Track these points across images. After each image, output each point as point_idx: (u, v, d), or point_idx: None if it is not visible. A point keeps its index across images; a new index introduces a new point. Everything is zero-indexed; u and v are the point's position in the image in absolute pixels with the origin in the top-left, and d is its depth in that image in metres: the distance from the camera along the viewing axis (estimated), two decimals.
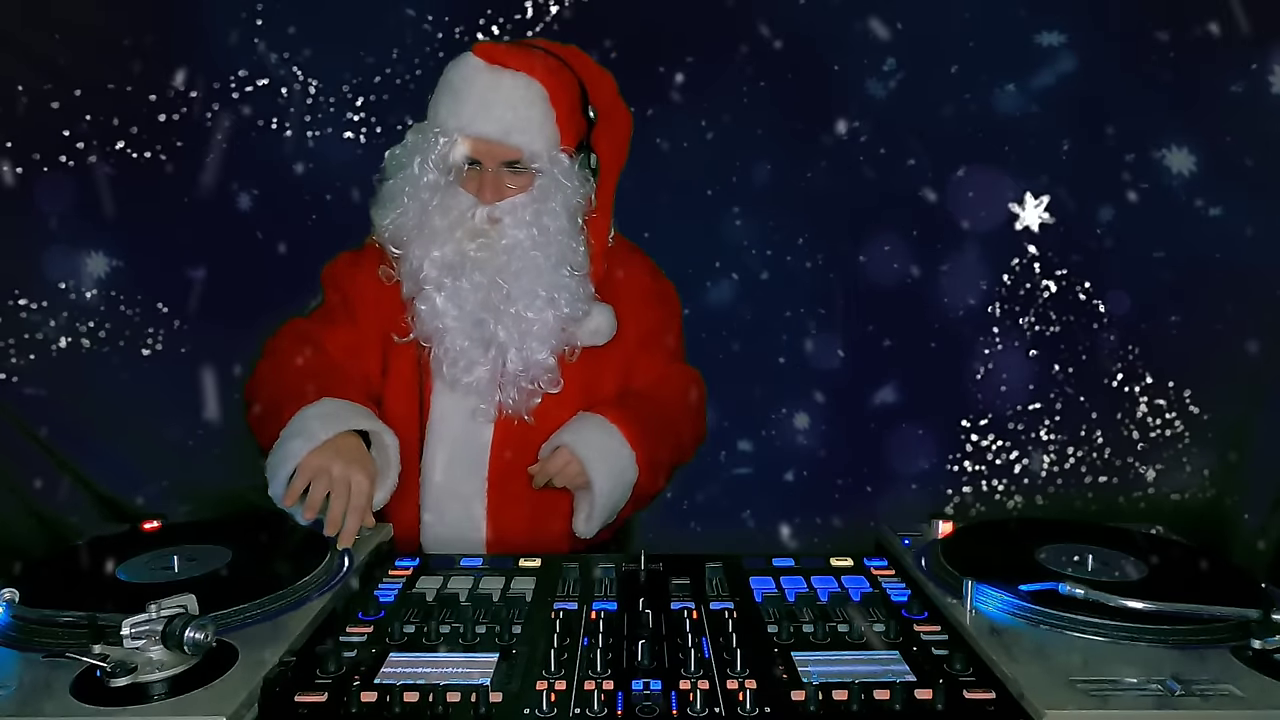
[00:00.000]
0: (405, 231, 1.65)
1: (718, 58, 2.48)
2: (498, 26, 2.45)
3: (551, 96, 1.61)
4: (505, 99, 1.59)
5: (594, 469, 1.63)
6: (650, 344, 1.83)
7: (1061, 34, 2.43)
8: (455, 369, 1.64)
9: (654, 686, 1.00)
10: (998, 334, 2.55)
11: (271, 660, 1.03)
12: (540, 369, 1.66)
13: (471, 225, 1.63)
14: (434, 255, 1.63)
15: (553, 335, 1.66)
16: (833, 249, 2.57)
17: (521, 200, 1.63)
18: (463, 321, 1.63)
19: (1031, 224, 2.49)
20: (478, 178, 1.63)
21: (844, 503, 2.61)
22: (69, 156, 2.42)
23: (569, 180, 1.64)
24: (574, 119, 1.66)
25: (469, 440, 1.69)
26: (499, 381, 1.66)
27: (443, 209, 1.63)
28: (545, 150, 1.62)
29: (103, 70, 2.40)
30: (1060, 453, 2.58)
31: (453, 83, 1.63)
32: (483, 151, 1.61)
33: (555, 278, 1.64)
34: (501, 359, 1.65)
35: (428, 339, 1.66)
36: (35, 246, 2.46)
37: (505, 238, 1.63)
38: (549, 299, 1.64)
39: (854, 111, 2.50)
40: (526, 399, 1.67)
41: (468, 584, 1.30)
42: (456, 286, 1.63)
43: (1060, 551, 1.30)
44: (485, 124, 1.59)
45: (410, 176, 1.64)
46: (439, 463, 1.68)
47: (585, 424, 1.68)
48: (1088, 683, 0.98)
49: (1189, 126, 2.44)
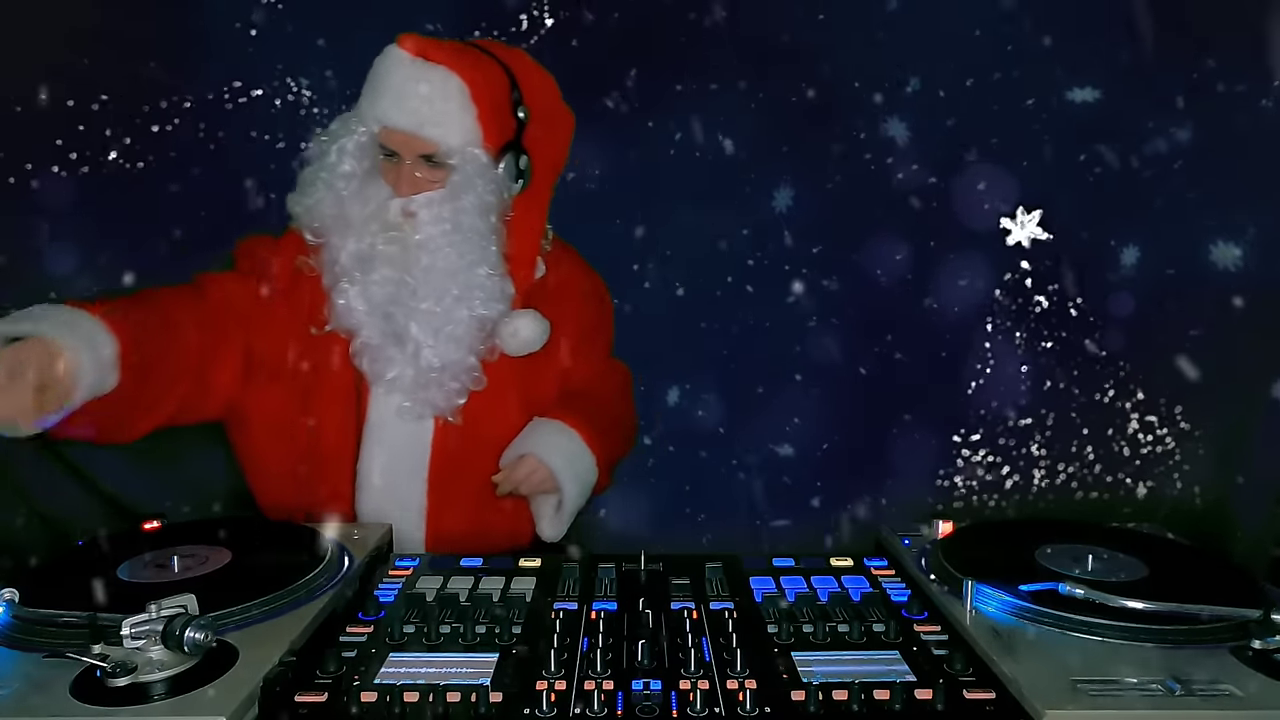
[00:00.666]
0: (322, 220, 1.62)
1: (718, 68, 2.48)
2: (493, 39, 2.43)
3: (473, 93, 1.59)
4: (422, 92, 1.57)
5: (563, 475, 1.67)
6: (588, 341, 1.86)
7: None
8: (375, 365, 1.62)
9: (654, 686, 1.00)
10: (989, 349, 2.55)
11: (271, 660, 1.02)
12: (460, 368, 1.64)
13: (386, 218, 1.61)
14: (349, 247, 1.61)
15: (469, 334, 1.63)
16: (833, 259, 2.57)
17: (438, 195, 1.60)
18: (373, 316, 1.61)
19: (1024, 239, 2.49)
20: (394, 169, 1.61)
21: (843, 505, 2.61)
22: (60, 167, 2.41)
23: (483, 179, 1.61)
24: (499, 117, 1.63)
25: (409, 442, 1.66)
26: (422, 379, 1.63)
27: (360, 200, 1.61)
28: (461, 146, 1.59)
29: (96, 79, 2.39)
30: (1051, 469, 2.59)
31: (376, 73, 1.62)
32: (399, 143, 1.59)
33: (470, 276, 1.62)
34: (416, 355, 1.62)
35: (345, 332, 1.63)
36: (32, 250, 2.46)
37: (419, 232, 1.60)
38: (460, 296, 1.61)
39: (856, 124, 2.50)
40: (451, 398, 1.64)
41: (468, 584, 1.31)
42: (366, 280, 1.60)
43: (1060, 551, 1.31)
44: (400, 115, 1.58)
45: (328, 165, 1.61)
46: (377, 465, 1.66)
47: (547, 430, 1.70)
48: (1088, 683, 0.98)
49: (1186, 142, 2.43)
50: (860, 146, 2.50)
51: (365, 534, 1.46)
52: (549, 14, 2.42)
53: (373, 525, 1.52)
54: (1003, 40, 2.43)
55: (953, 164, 2.49)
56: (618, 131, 2.47)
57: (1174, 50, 2.39)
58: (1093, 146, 2.47)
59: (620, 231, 2.51)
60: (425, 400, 1.63)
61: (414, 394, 1.63)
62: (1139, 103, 2.43)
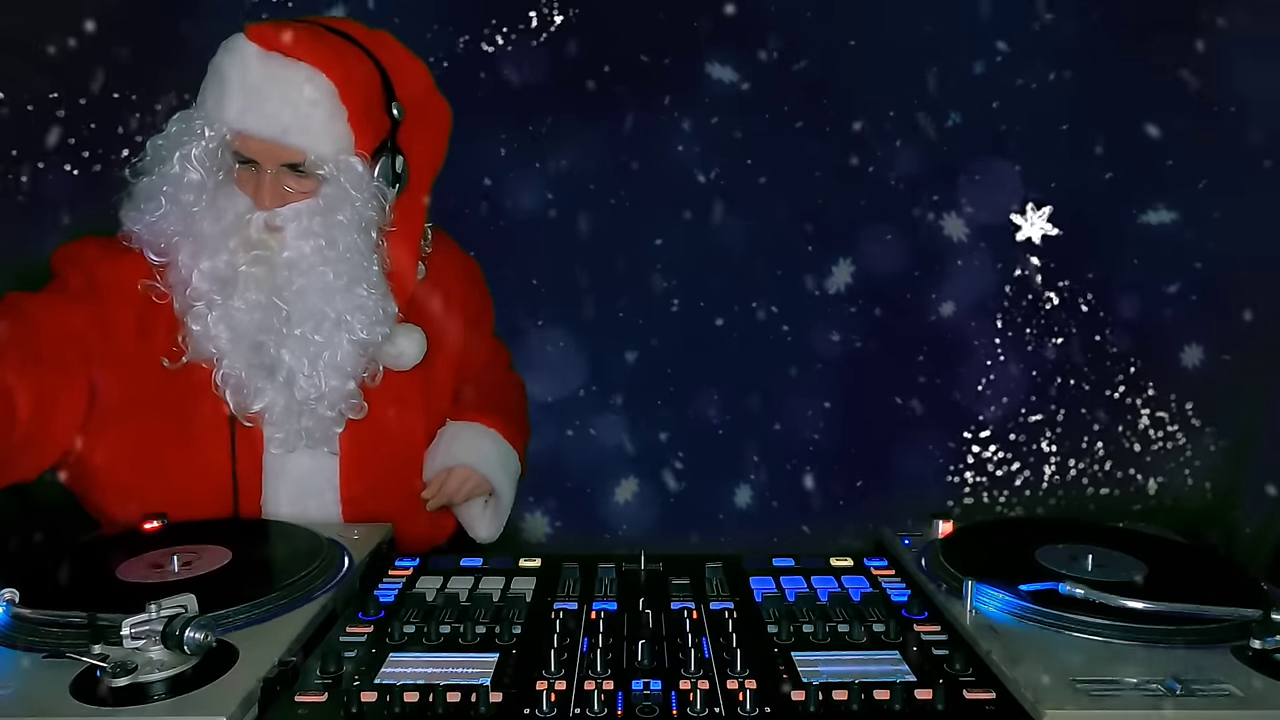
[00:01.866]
0: (165, 237, 1.42)
1: (725, 65, 2.48)
2: (501, 36, 2.44)
3: (342, 93, 1.41)
4: (282, 93, 1.38)
5: (498, 480, 1.65)
6: (476, 326, 1.80)
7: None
8: (240, 396, 1.44)
9: (654, 686, 1.00)
10: (999, 345, 2.55)
11: (271, 660, 1.02)
12: (338, 395, 1.48)
13: (247, 234, 1.42)
14: (203, 266, 1.40)
15: (348, 361, 1.47)
16: (839, 255, 2.57)
17: (307, 207, 1.42)
18: (238, 345, 1.42)
19: (1034, 235, 2.49)
20: (254, 179, 1.42)
21: (844, 504, 2.61)
22: (73, 165, 2.41)
23: (359, 190, 1.44)
24: (372, 118, 1.46)
25: (314, 468, 1.53)
26: (294, 410, 1.47)
27: (213, 213, 1.41)
28: (333, 154, 1.42)
29: (97, 81, 2.39)
30: (1061, 464, 2.59)
31: (221, 68, 1.40)
32: (258, 150, 1.40)
33: (348, 298, 1.45)
34: (289, 385, 1.45)
35: (205, 362, 1.44)
36: (33, 252, 2.46)
37: (287, 249, 1.42)
38: (339, 321, 1.45)
39: (862, 119, 2.50)
40: (328, 428, 1.50)
41: (468, 584, 1.30)
42: (228, 306, 1.41)
43: (1060, 551, 1.30)
44: (258, 121, 1.38)
45: (170, 175, 1.41)
46: (284, 496, 1.52)
47: (469, 436, 1.66)
48: (1088, 683, 0.98)
49: (1193, 138, 2.43)
50: (865, 135, 2.50)
51: (365, 534, 1.46)
52: (558, 11, 2.41)
53: (373, 525, 1.51)
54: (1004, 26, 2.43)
55: (963, 157, 2.50)
56: (618, 130, 2.47)
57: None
58: (1106, 143, 2.47)
59: (626, 226, 2.51)
60: (297, 431, 1.48)
61: (285, 425, 1.47)
62: (1149, 100, 2.43)
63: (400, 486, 1.65)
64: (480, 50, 2.43)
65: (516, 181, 2.48)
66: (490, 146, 2.46)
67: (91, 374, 1.41)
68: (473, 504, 1.72)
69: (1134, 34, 2.40)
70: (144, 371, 1.45)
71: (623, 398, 2.59)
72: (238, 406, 1.46)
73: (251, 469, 1.51)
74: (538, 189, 2.48)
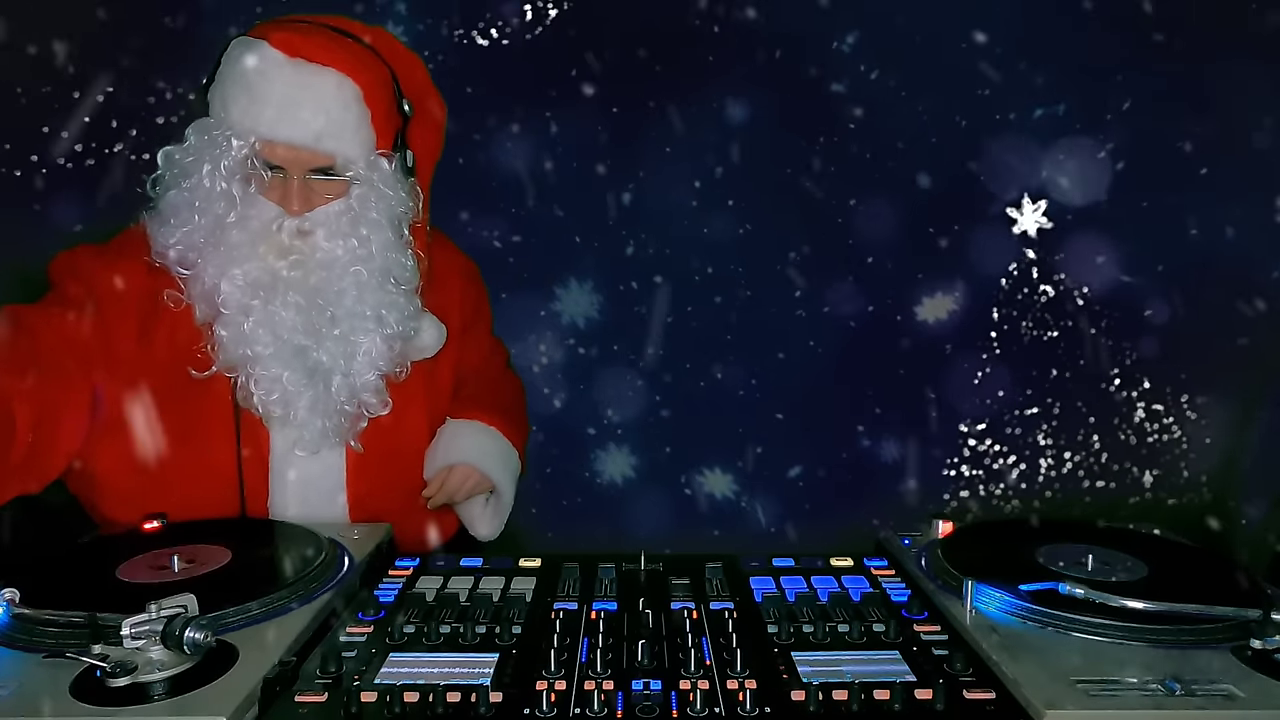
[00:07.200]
0: (195, 250, 1.42)
1: (718, 60, 2.48)
2: (496, 29, 2.44)
3: (367, 95, 1.43)
4: (315, 100, 1.39)
5: (499, 478, 1.66)
6: (476, 320, 1.82)
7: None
8: (270, 400, 1.45)
9: (654, 686, 1.00)
10: (995, 338, 2.56)
11: (271, 660, 1.02)
12: (368, 392, 1.52)
13: (278, 240, 1.43)
14: (234, 274, 1.42)
15: (381, 358, 1.51)
16: (837, 249, 2.57)
17: (336, 209, 1.44)
18: (280, 349, 1.43)
19: (1029, 228, 2.49)
20: (282, 186, 1.43)
21: (841, 499, 2.61)
22: (68, 159, 2.41)
23: (390, 188, 1.47)
24: (390, 117, 1.49)
25: (322, 469, 1.55)
26: (324, 409, 1.48)
27: (242, 222, 1.41)
28: (362, 156, 1.44)
29: (100, 73, 2.39)
30: (1058, 458, 2.59)
31: (247, 77, 1.39)
32: (286, 157, 1.41)
33: (381, 295, 1.48)
34: (325, 386, 1.47)
35: (232, 369, 1.45)
36: (37, 248, 2.46)
37: (320, 251, 1.44)
38: (376, 318, 1.48)
39: (856, 112, 2.50)
40: (352, 425, 1.52)
41: (468, 584, 1.30)
42: (269, 310, 1.42)
43: (1060, 551, 1.30)
44: (292, 129, 1.39)
45: (199, 188, 1.41)
46: (291, 498, 1.53)
47: (469, 434, 1.66)
48: (1088, 683, 0.98)
49: (1187, 127, 2.44)
50: (863, 132, 2.50)
51: (365, 534, 1.46)
52: (552, 3, 2.41)
53: (373, 525, 1.51)
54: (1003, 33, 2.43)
55: (958, 152, 2.50)
56: (614, 123, 2.47)
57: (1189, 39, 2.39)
58: (1101, 134, 2.47)
59: (623, 219, 2.51)
60: (326, 431, 1.50)
61: (310, 425, 1.48)
62: (1144, 96, 2.43)
63: (404, 484, 1.66)
64: (476, 44, 2.43)
65: (510, 174, 2.48)
66: (484, 138, 2.46)
67: (93, 383, 1.42)
68: (473, 502, 1.73)
69: (1117, 30, 2.41)
70: (146, 377, 1.46)
71: (622, 397, 2.59)
72: (266, 410, 1.47)
73: (258, 471, 1.52)
74: (533, 182, 2.48)
